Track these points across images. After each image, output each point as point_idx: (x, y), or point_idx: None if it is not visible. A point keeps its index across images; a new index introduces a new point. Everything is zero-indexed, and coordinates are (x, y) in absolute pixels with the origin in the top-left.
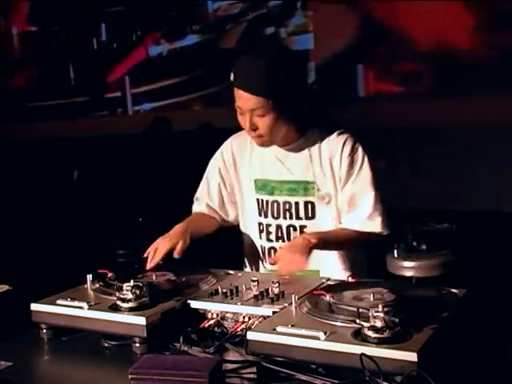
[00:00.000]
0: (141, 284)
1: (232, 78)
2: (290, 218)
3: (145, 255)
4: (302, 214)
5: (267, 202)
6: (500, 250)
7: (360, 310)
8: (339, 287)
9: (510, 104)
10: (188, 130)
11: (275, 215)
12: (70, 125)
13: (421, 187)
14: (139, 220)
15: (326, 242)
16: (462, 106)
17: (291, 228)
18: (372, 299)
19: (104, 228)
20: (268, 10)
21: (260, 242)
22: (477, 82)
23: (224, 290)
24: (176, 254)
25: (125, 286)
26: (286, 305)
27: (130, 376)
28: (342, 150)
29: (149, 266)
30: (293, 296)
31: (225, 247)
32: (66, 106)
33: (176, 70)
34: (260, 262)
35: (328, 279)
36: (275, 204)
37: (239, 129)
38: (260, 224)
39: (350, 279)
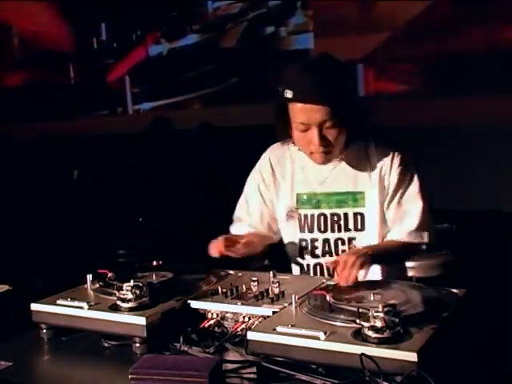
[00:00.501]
0: (141, 284)
1: (289, 94)
2: (339, 230)
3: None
4: (351, 225)
5: (312, 216)
6: (500, 250)
7: (360, 310)
8: (339, 287)
9: (510, 104)
10: (188, 130)
11: (322, 229)
12: (70, 125)
13: None
14: (139, 220)
15: (380, 255)
16: (462, 106)
17: (339, 241)
18: (372, 299)
19: (104, 228)
20: (268, 9)
21: (301, 261)
22: (477, 82)
23: (224, 290)
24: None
25: (125, 286)
26: (286, 305)
27: (130, 376)
28: (393, 161)
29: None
30: (293, 296)
31: None
32: (66, 105)
33: (176, 69)
34: None
35: (328, 279)
36: (322, 217)
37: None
38: (302, 240)
39: None
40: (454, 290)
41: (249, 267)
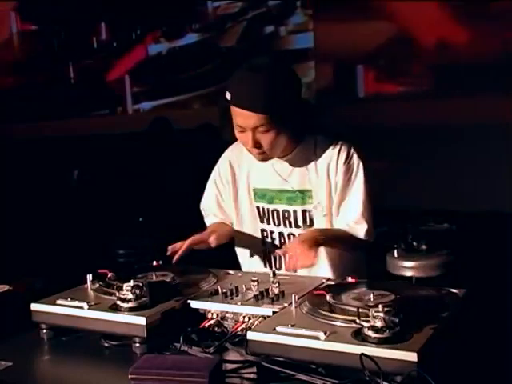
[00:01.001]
0: (141, 284)
1: (229, 96)
2: (290, 226)
3: (170, 247)
4: (300, 222)
5: (268, 209)
6: (500, 250)
7: (360, 310)
8: (339, 287)
9: (510, 104)
10: (188, 129)
11: (276, 223)
12: (70, 125)
13: (421, 187)
14: (139, 220)
15: (329, 237)
16: (462, 106)
17: (292, 236)
18: (372, 299)
19: (104, 228)
20: (268, 8)
21: (263, 248)
22: (477, 82)
23: (224, 290)
24: (212, 241)
25: (125, 285)
26: (285, 305)
27: (129, 376)
28: (338, 158)
29: (175, 258)
30: (293, 296)
31: (225, 247)
32: (66, 105)
33: (176, 68)
34: (262, 268)
35: (328, 279)
36: (275, 212)
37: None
38: (263, 230)
39: (350, 279)
40: (454, 290)
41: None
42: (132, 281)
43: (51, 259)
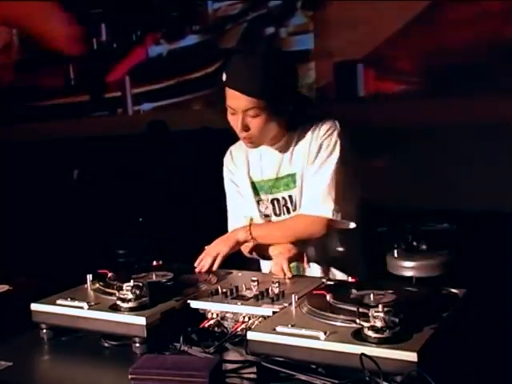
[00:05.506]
0: (141, 284)
1: (224, 77)
2: (288, 212)
3: (196, 265)
4: (298, 205)
5: (267, 200)
6: (500, 250)
7: (360, 310)
8: (339, 287)
9: (510, 104)
10: (188, 130)
11: (277, 212)
12: (70, 125)
13: (421, 187)
14: (139, 220)
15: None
16: (461, 106)
17: None
18: (372, 299)
19: (104, 228)
20: (268, 10)
21: None
22: (477, 82)
23: (224, 290)
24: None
25: (125, 286)
26: (285, 305)
27: (129, 376)
28: (319, 131)
29: (204, 269)
30: (293, 296)
31: None
32: (66, 106)
33: (176, 70)
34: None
35: (328, 279)
36: (275, 201)
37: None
38: None
39: (350, 279)
40: (454, 290)
41: (249, 267)
42: (132, 281)
43: (51, 259)
